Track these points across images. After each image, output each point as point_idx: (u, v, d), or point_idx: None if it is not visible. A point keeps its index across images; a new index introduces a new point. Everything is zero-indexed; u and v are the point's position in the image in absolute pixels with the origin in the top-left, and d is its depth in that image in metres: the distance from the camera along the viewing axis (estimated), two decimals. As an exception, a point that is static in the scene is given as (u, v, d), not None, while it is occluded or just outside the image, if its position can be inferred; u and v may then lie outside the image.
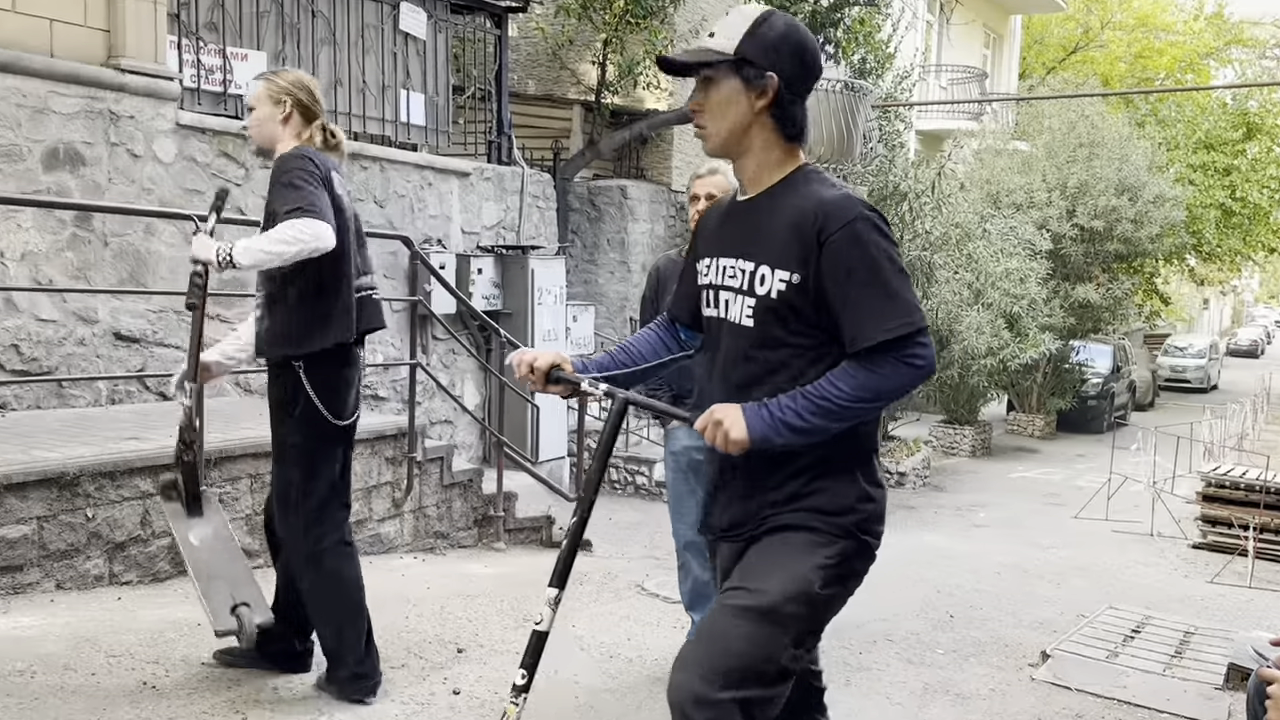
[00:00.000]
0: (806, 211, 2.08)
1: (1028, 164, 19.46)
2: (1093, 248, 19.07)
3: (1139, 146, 19.92)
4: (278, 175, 3.27)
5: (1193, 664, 5.02)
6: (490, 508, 6.55)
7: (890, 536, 4.20)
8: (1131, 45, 30.06)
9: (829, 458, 2.17)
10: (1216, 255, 28.06)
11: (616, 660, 4.31)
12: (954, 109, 21.04)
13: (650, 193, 11.56)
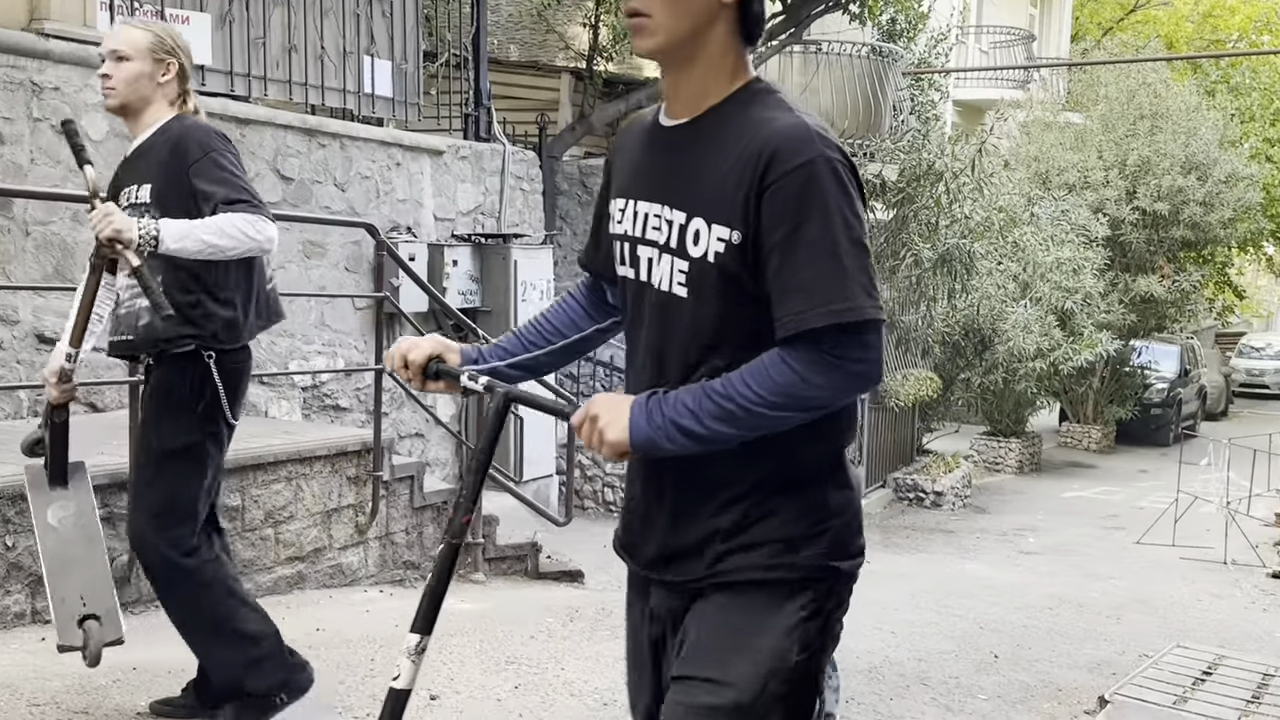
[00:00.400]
0: (754, 144, 1.77)
1: (1081, 139, 19.50)
2: (1156, 234, 19.10)
3: (1209, 118, 19.96)
4: (192, 150, 3.25)
5: (1272, 710, 5.03)
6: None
7: (926, 565, 4.21)
8: (1199, 3, 30.11)
9: (786, 471, 1.89)
10: (1298, 242, 28.10)
11: (612, 708, 4.31)
12: (997, 76, 21.08)
13: (650, 173, 11.60)
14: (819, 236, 1.73)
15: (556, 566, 6.94)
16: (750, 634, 1.85)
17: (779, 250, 1.75)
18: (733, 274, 1.80)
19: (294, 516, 5.47)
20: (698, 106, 1.88)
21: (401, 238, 8.05)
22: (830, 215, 1.73)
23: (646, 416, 1.76)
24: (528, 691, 4.41)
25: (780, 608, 1.87)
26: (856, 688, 4.93)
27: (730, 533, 1.88)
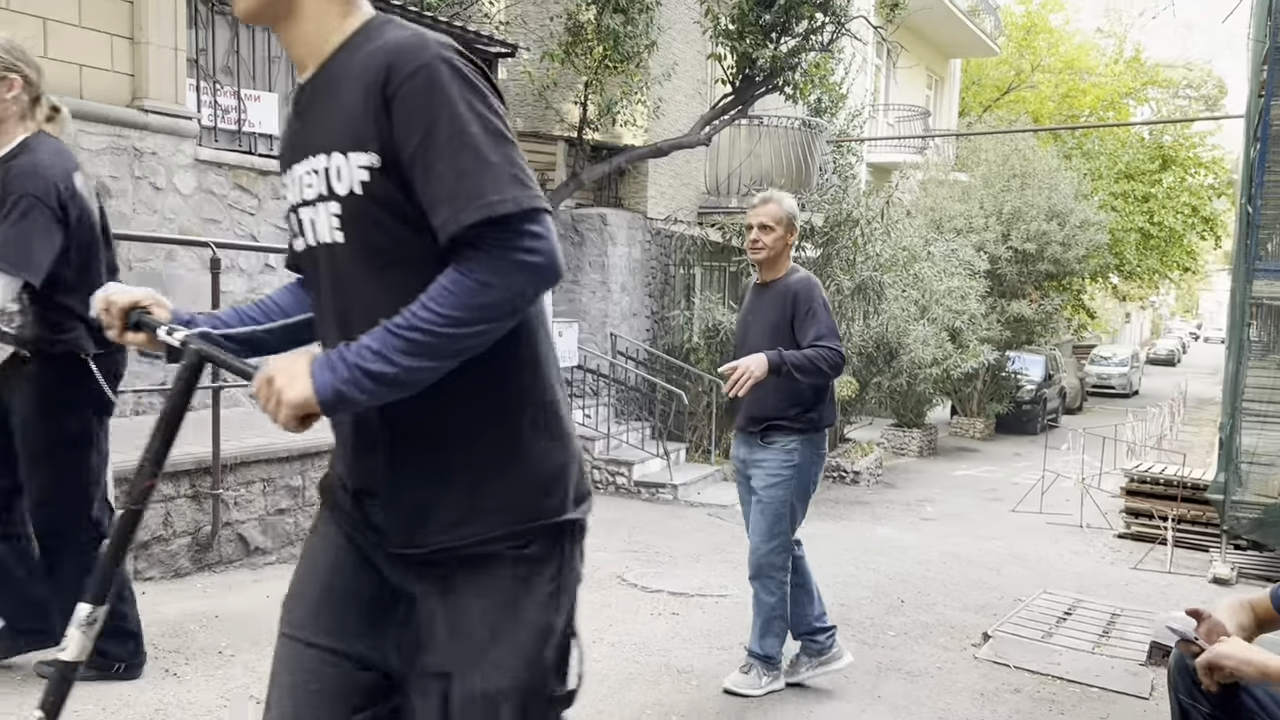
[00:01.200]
0: (373, 65, 1.41)
1: (967, 193, 19.64)
2: (1026, 268, 19.26)
3: (1066, 177, 20.15)
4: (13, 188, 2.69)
5: (1119, 643, 5.06)
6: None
7: (847, 530, 4.22)
8: (1059, 86, 30.41)
9: (474, 424, 1.49)
10: (1136, 274, 28.38)
11: (599, 645, 4.30)
12: (900, 144, 21.22)
13: (628, 220, 11.59)
14: (452, 135, 1.37)
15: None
16: (505, 622, 1.51)
17: (418, 160, 1.38)
18: (384, 201, 1.41)
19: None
20: (320, 56, 1.51)
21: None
22: (458, 113, 1.37)
23: (330, 369, 1.34)
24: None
25: (529, 588, 1.53)
26: (792, 627, 4.93)
27: (458, 506, 1.50)
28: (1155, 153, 28.09)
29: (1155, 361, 43.40)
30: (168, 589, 4.44)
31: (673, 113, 12.20)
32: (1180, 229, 27.40)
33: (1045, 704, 4.05)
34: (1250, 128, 9.16)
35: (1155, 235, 27.27)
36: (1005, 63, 29.52)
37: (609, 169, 11.13)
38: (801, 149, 13.08)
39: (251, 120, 6.90)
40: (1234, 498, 8.57)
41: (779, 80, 10.67)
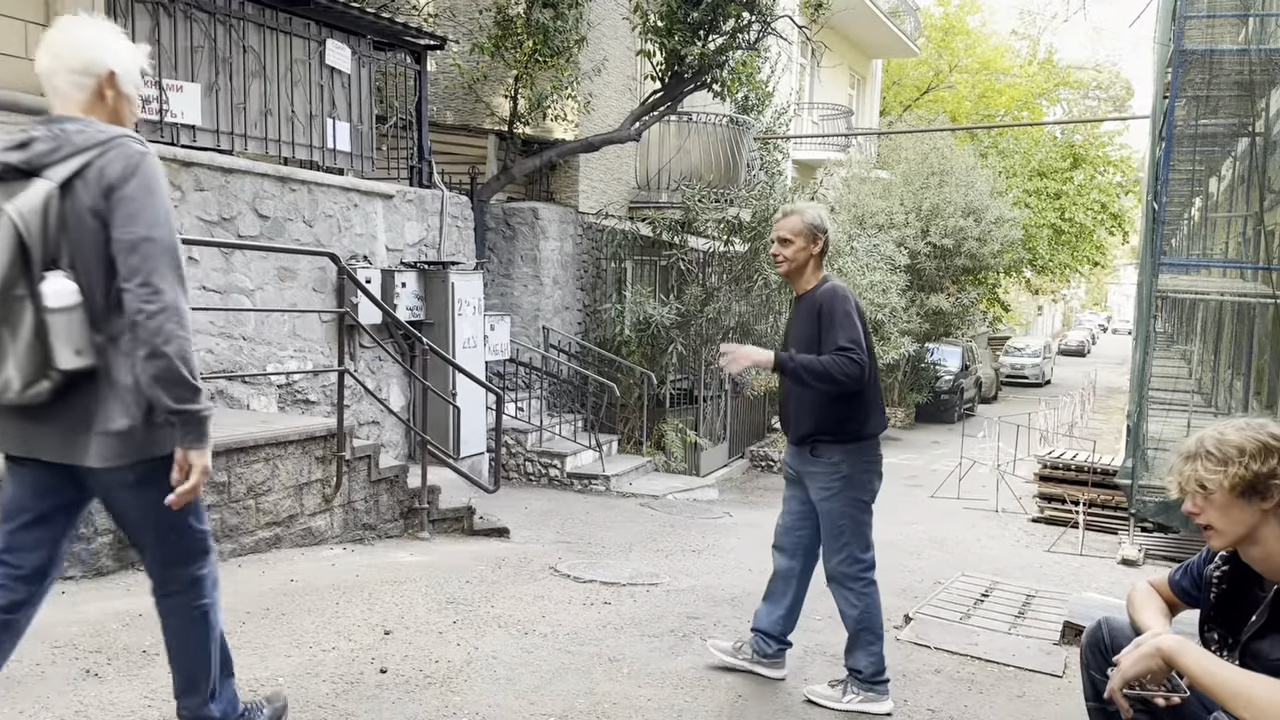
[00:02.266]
0: None
1: (888, 190, 19.96)
2: (944, 263, 19.65)
3: (982, 175, 20.61)
4: None
5: (1033, 623, 5.19)
6: (415, 500, 6.44)
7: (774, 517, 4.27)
8: (976, 87, 31.08)
9: None
10: (1049, 268, 29.19)
11: (532, 636, 4.28)
12: (824, 142, 21.47)
13: (560, 214, 11.52)
14: None
15: (487, 525, 6.87)
16: None
17: None
18: None
19: (271, 490, 5.31)
20: None
21: (359, 265, 7.88)
22: None
23: None
24: (464, 625, 4.35)
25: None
26: (721, 614, 4.97)
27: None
28: (1067, 151, 28.91)
29: (1066, 352, 44.69)
30: (89, 588, 4.29)
31: (603, 108, 12.16)
32: (1090, 225, 28.26)
33: (964, 684, 4.14)
34: (1155, 128, 9.46)
35: (1066, 231, 28.07)
36: (924, 63, 30.07)
37: (540, 163, 11.04)
38: (730, 146, 13.15)
39: (174, 111, 6.68)
40: (1141, 482, 8.86)
41: (707, 77, 10.71)
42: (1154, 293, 9.19)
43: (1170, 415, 10.42)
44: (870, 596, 3.68)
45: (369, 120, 8.34)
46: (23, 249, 2.07)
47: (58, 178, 2.11)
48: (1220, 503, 2.13)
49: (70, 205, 2.11)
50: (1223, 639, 2.27)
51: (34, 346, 2.08)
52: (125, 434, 2.17)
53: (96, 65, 2.23)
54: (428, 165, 9.10)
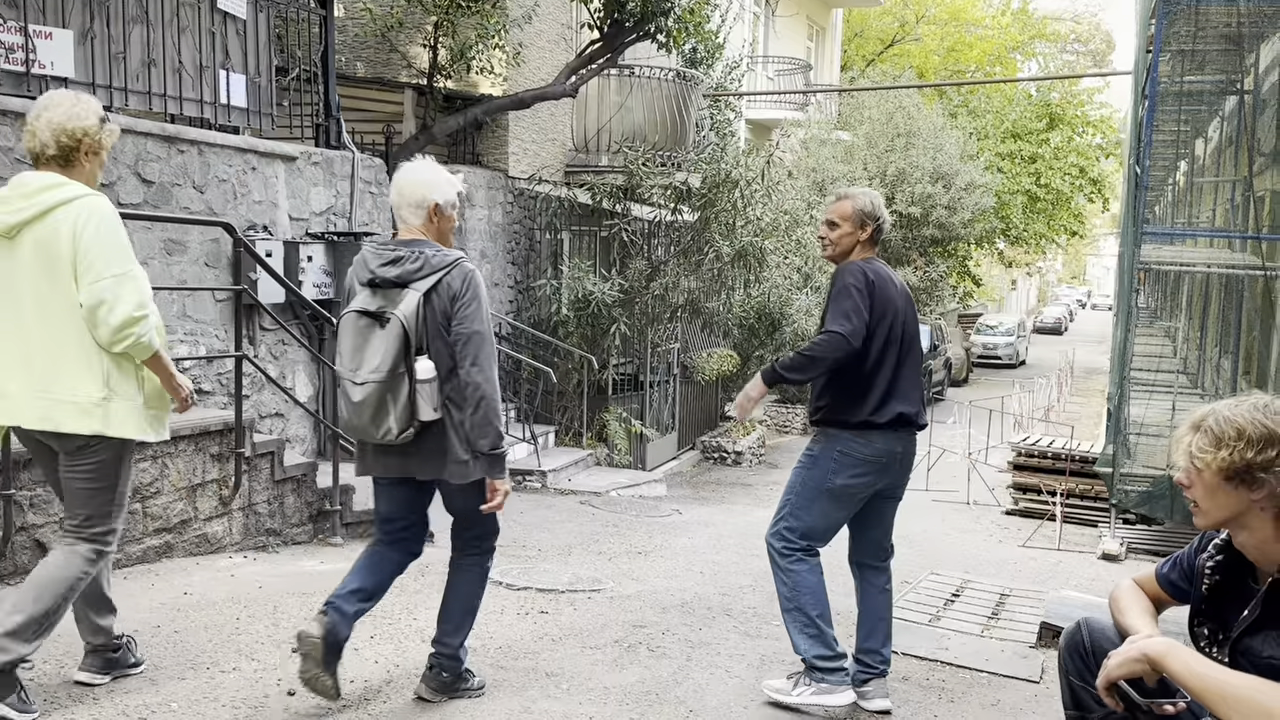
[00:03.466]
0: None
1: (850, 153, 20.16)
2: (911, 233, 19.93)
3: (952, 136, 20.92)
4: None
5: (1008, 624, 5.30)
6: (326, 502, 6.35)
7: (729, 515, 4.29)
8: (944, 39, 31.47)
9: None
10: (1023, 239, 29.75)
11: (459, 650, 4.24)
12: (781, 99, 21.57)
13: (487, 179, 11.41)
14: None
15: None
16: None
17: None
18: None
19: (160, 492, 5.20)
20: None
21: (258, 236, 7.72)
22: None
23: None
24: (383, 640, 4.31)
25: None
26: (671, 622, 4.99)
27: None
28: (1042, 111, 29.42)
29: (1042, 330, 45.70)
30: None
31: (535, 60, 12.06)
32: (1068, 191, 28.83)
33: (934, 692, 4.21)
34: (1138, 85, 9.64)
35: (1042, 198, 28.61)
36: (889, 13, 30.35)
37: (464, 121, 10.92)
38: (676, 103, 13.14)
39: (42, 61, 6.46)
40: (1123, 470, 9.09)
41: (650, 26, 10.67)
42: (1136, 264, 9.40)
43: (1154, 397, 10.69)
44: (799, 576, 3.84)
45: (268, 72, 8.16)
46: (406, 340, 3.27)
47: (422, 289, 3.33)
48: (1208, 483, 2.20)
49: (429, 309, 3.33)
50: (1213, 634, 2.33)
51: (407, 407, 3.30)
52: (463, 463, 3.41)
53: (427, 200, 3.46)
54: (336, 123, 8.94)
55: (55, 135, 3.09)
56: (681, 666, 4.28)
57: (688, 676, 4.15)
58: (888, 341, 3.73)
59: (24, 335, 3.08)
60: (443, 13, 10.19)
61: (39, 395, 3.08)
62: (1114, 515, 9.66)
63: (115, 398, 3.14)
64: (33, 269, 3.05)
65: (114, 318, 3.04)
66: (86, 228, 3.02)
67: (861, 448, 3.75)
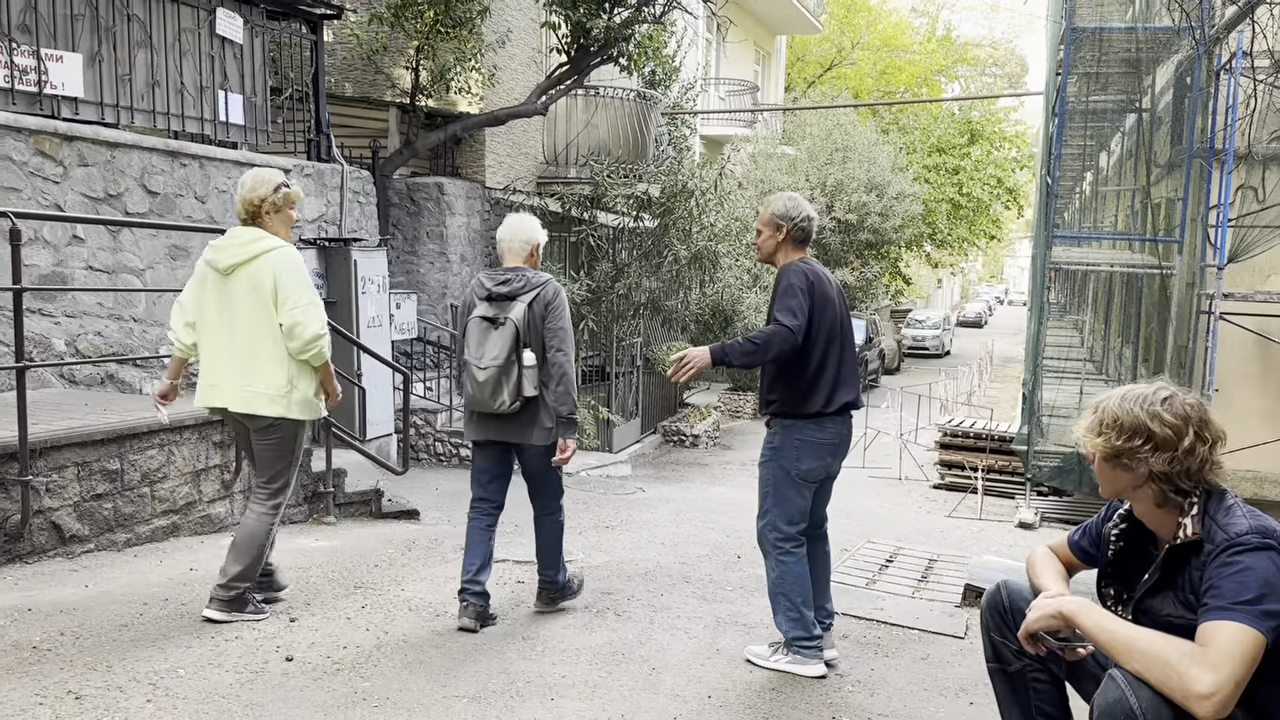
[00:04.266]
0: None
1: (793, 165, 20.23)
2: (848, 237, 20.04)
3: (884, 150, 21.05)
4: None
5: (936, 586, 5.36)
6: (320, 484, 6.29)
7: (688, 491, 4.30)
8: (877, 63, 31.64)
9: None
10: (948, 242, 30.02)
11: (444, 618, 4.23)
12: (731, 117, 21.60)
13: (466, 189, 11.33)
14: None
15: (396, 508, 6.76)
16: None
17: None
18: None
19: (168, 477, 5.12)
20: None
21: (257, 242, 7.61)
22: None
23: None
24: (373, 610, 4.28)
25: None
26: (635, 589, 4.99)
27: None
28: (964, 127, 29.69)
29: (965, 324, 46.10)
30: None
31: (509, 81, 11.98)
32: (987, 199, 29.13)
33: (871, 648, 4.25)
34: (1049, 104, 9.76)
35: (964, 206, 28.88)
36: (827, 40, 30.46)
37: (444, 137, 10.84)
38: (637, 120, 13.11)
39: (53, 82, 6.33)
40: (1036, 448, 9.21)
41: (613, 50, 10.64)
42: (1047, 264, 9.53)
43: (1064, 383, 10.84)
44: (787, 566, 3.83)
45: (263, 92, 8.05)
46: (517, 337, 4.00)
47: (526, 300, 4.05)
48: (1097, 462, 2.26)
49: (530, 313, 4.05)
50: (1118, 595, 2.37)
51: (516, 385, 4.02)
52: (549, 429, 4.09)
53: (533, 241, 4.22)
54: (326, 139, 8.84)
55: (244, 204, 3.84)
56: (645, 629, 4.28)
57: (650, 638, 4.16)
58: (830, 335, 3.76)
59: (235, 345, 3.82)
60: (424, 38, 10.10)
61: (243, 387, 3.81)
62: (1029, 488, 9.79)
63: (294, 390, 3.85)
64: (245, 297, 3.78)
65: (305, 334, 3.77)
66: (283, 270, 3.75)
67: (816, 433, 3.79)
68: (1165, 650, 1.99)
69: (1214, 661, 1.93)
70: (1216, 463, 2.18)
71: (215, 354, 3.84)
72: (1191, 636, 2.01)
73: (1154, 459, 2.16)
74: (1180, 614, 2.14)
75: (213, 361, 3.85)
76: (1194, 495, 2.17)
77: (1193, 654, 1.96)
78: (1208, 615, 2.01)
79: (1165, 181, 10.31)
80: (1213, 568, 2.07)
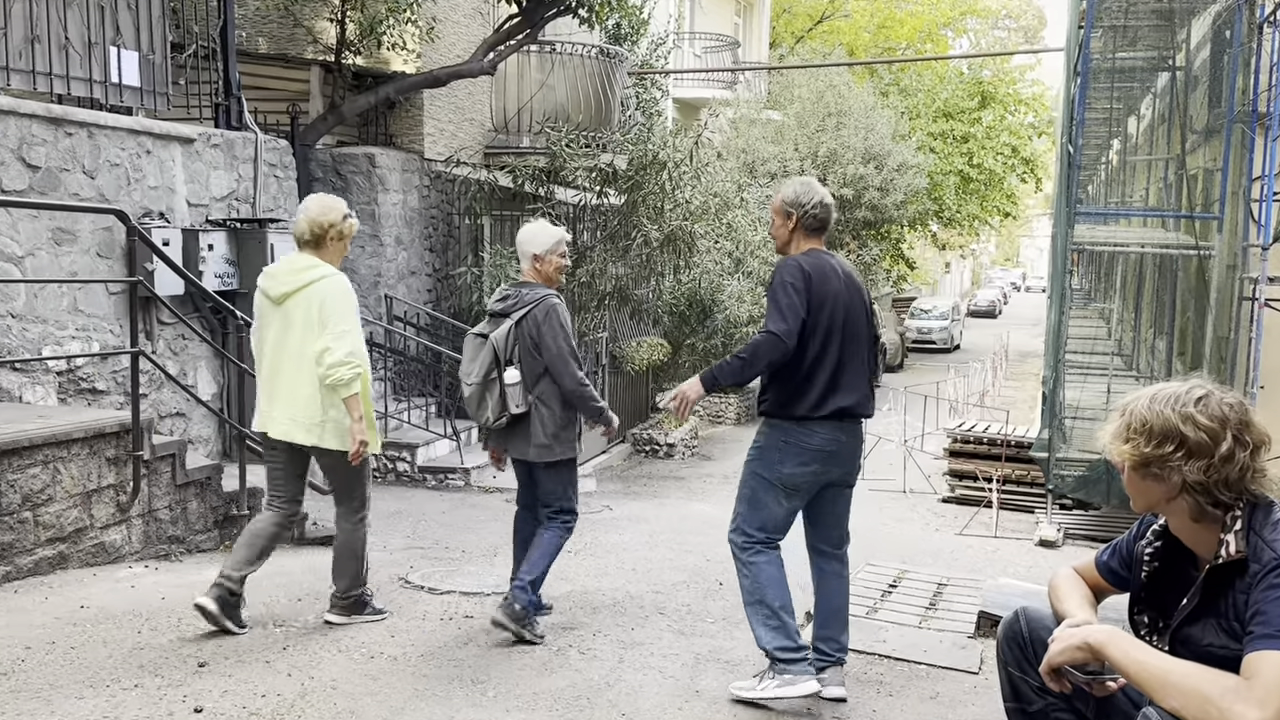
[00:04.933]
0: None
1: (780, 133, 20.31)
2: (844, 215, 20.14)
3: (883, 116, 21.18)
4: None
5: (946, 614, 5.39)
6: (232, 506, 6.22)
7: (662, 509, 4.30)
8: (874, 15, 31.83)
9: None
10: (956, 220, 30.26)
11: (379, 660, 4.20)
12: (709, 78, 21.64)
13: (401, 161, 11.26)
14: None
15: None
16: None
17: None
18: None
19: (53, 499, 5.05)
20: None
21: (154, 224, 7.52)
22: None
23: None
24: (296, 651, 4.24)
25: None
26: (602, 622, 4.98)
27: None
28: (974, 89, 29.92)
29: (976, 314, 46.61)
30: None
31: (450, 36, 11.92)
32: (1000, 171, 29.38)
33: (873, 686, 4.27)
34: (1070, 62, 9.85)
35: (975, 178, 29.11)
36: (818, -12, 30.59)
37: (375, 100, 10.77)
38: (600, 81, 13.09)
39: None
40: (1058, 455, 9.31)
41: (571, 0, 10.61)
42: (1069, 245, 9.64)
43: (1089, 380, 10.98)
44: (758, 568, 3.98)
45: (162, 49, 7.95)
46: (495, 356, 4.55)
47: (515, 318, 4.56)
48: (1126, 472, 2.28)
49: (518, 332, 4.56)
50: (1153, 622, 2.39)
51: (499, 401, 4.57)
52: (545, 446, 4.60)
53: (526, 252, 4.68)
54: (237, 103, 8.76)
55: (311, 226, 4.39)
56: (613, 668, 4.28)
57: (620, 679, 4.15)
58: (829, 335, 3.89)
59: (282, 374, 4.39)
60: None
61: (287, 417, 4.38)
62: (1051, 501, 9.90)
63: (327, 421, 4.36)
64: (297, 325, 4.33)
65: (328, 358, 4.22)
66: (328, 298, 4.29)
67: (805, 438, 3.91)
68: (1205, 684, 2.01)
69: (1260, 696, 1.95)
70: (1260, 470, 2.20)
71: (268, 382, 4.45)
72: (1236, 669, 2.03)
73: (1188, 467, 2.18)
74: (1223, 643, 2.16)
75: (264, 388, 4.47)
76: (1236, 508, 2.19)
77: (1236, 688, 1.98)
78: (1253, 645, 2.03)
79: (1202, 150, 10.46)
80: (1259, 590, 2.08)
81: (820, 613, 4.11)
